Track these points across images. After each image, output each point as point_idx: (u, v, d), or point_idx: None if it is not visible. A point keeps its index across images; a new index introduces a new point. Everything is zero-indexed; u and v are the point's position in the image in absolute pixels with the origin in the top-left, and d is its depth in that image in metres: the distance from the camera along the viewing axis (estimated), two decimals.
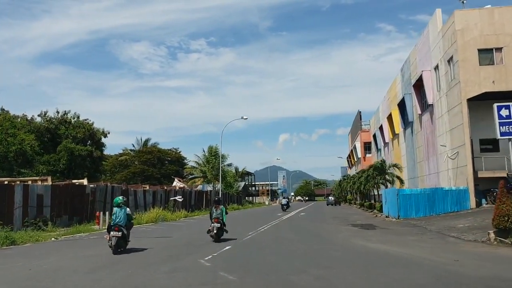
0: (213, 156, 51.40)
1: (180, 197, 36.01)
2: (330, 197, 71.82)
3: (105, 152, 63.08)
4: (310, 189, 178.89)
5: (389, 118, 45.25)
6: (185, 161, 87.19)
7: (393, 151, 45.81)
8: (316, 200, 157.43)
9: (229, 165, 67.28)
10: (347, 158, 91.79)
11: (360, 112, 67.76)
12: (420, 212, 23.21)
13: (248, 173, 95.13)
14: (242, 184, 75.14)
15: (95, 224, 22.11)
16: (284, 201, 43.75)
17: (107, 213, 22.07)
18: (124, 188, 30.47)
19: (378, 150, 56.66)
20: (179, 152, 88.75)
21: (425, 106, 31.91)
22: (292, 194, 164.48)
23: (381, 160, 31.59)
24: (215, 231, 13.95)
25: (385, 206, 27.09)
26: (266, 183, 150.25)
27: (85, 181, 26.62)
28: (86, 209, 25.11)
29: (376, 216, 28.92)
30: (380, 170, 31.52)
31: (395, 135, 44.04)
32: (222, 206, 14.60)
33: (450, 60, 25.67)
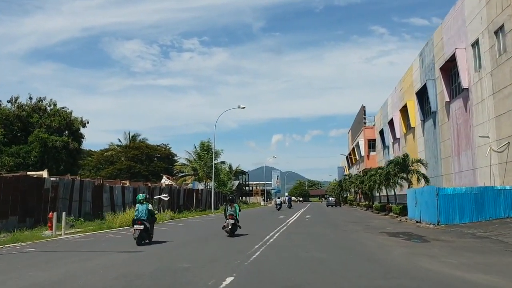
0: (206, 151, 46.35)
1: (166, 195, 30.89)
2: (330, 198, 67.06)
3: (93, 149, 57.90)
4: (304, 190, 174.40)
5: (403, 110, 40.55)
6: (175, 158, 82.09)
7: (406, 147, 41.08)
8: (311, 201, 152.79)
9: (223, 162, 62.32)
10: (347, 157, 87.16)
11: (364, 107, 63.14)
12: (465, 217, 18.41)
13: (242, 172, 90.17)
14: (236, 183, 70.09)
15: (47, 229, 16.95)
16: (278, 201, 47.10)
17: (63, 214, 16.90)
18: (97, 183, 25.33)
19: (385, 147, 51.95)
20: (169, 148, 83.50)
21: (456, 91, 27.17)
22: (286, 194, 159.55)
23: (403, 155, 26.75)
24: (230, 227, 15.12)
25: (414, 208, 22.26)
26: (261, 182, 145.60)
27: (44, 173, 21.51)
28: (44, 208, 19.96)
29: (401, 220, 24.07)
30: (402, 167, 26.68)
31: (409, 129, 39.32)
32: (236, 203, 15.91)
33: (499, 31, 20.89)
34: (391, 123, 46.37)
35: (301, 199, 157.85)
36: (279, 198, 50.20)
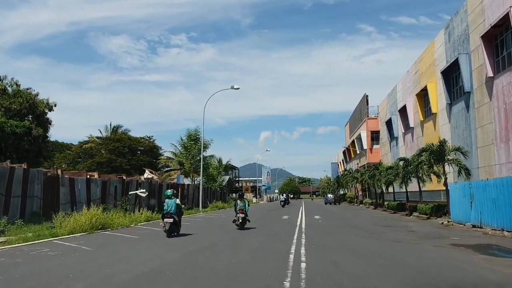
0: (193, 141, 40.63)
1: (143, 191, 25.24)
2: (328, 195, 61.89)
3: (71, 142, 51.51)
4: (295, 187, 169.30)
5: (420, 95, 35.37)
6: (161, 151, 76.12)
7: (422, 137, 35.92)
8: (302, 198, 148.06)
9: (212, 156, 56.62)
10: (344, 151, 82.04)
11: (367, 96, 57.89)
12: None
13: (233, 167, 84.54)
14: (227, 178, 64.45)
15: None
16: (282, 198, 51.11)
17: None
18: (51, 173, 19.49)
19: (393, 139, 46.79)
20: (153, 141, 77.24)
21: (505, 63, 21.95)
22: (276, 191, 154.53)
23: (441, 141, 21.40)
24: (240, 221, 16.53)
25: (467, 209, 16.93)
26: (251, 179, 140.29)
27: None
28: None
29: (443, 223, 18.76)
30: (438, 155, 21.35)
31: (429, 116, 34.14)
32: (245, 199, 17.95)
33: None
34: (402, 111, 41.20)
35: (291, 196, 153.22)
36: (283, 195, 55.80)
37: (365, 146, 56.67)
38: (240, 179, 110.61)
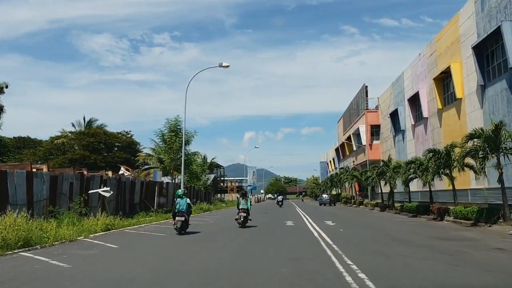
0: (173, 133, 35.01)
1: (107, 189, 19.62)
2: (324, 195, 56.81)
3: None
4: (281, 187, 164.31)
5: (439, 78, 30.54)
6: (139, 147, 70.03)
7: (440, 128, 31.12)
8: (288, 199, 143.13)
9: (195, 153, 50.92)
10: (336, 149, 77.27)
11: (366, 87, 53.07)
12: None
13: (218, 166, 78.94)
14: (212, 176, 58.79)
15: None
16: (280, 198, 51.88)
17: None
18: None
19: (399, 132, 42.00)
20: (131, 136, 71.02)
21: None
22: (262, 191, 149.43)
23: (497, 123, 16.32)
24: (242, 219, 17.19)
25: None
26: (236, 178, 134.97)
27: None
28: None
29: None
30: (492, 144, 16.29)
31: (451, 103, 29.30)
32: (248, 197, 18.65)
33: None
34: (413, 100, 36.43)
35: (276, 196, 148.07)
36: (279, 195, 57.49)
37: (363, 142, 51.80)
38: (225, 178, 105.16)
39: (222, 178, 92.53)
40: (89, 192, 19.55)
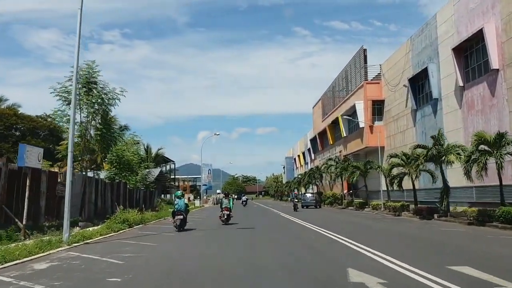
0: (85, 86, 19.89)
1: None
2: (307, 195, 43.34)
3: None
4: (239, 186, 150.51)
5: None
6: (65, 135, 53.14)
7: None
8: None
9: (134, 136, 35.69)
10: (313, 139, 64.35)
11: (365, 50, 40.13)
12: None
13: (167, 160, 63.36)
14: (157, 171, 43.62)
15: None
16: (244, 198, 53.30)
17: None
18: None
19: (426, 103, 29.44)
20: (52, 120, 54.03)
21: None
22: (218, 191, 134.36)
23: None
24: (225, 217, 18.81)
25: None
26: (189, 177, 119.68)
27: None
28: None
29: None
30: None
31: None
32: (230, 197, 20.28)
33: None
34: (460, 49, 23.81)
35: (235, 196, 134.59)
36: (244, 195, 58.84)
37: (362, 124, 38.92)
38: (177, 176, 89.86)
39: (173, 176, 77.05)
40: None
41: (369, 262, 8.20)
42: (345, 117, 42.95)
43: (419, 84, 30.67)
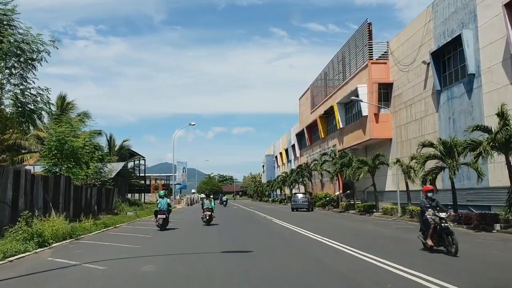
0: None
1: None
2: (298, 196, 36.96)
3: None
4: (216, 185, 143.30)
5: None
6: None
7: None
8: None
9: (96, 130, 28.71)
10: (299, 134, 58.18)
11: (369, 24, 34.10)
12: None
13: (134, 154, 55.79)
14: (120, 166, 36.44)
15: None
16: (224, 198, 52.59)
17: None
18: None
19: (458, 81, 23.61)
20: None
21: None
22: (193, 191, 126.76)
23: None
24: (207, 218, 18.88)
25: None
26: (162, 175, 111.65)
27: None
28: None
29: None
30: None
31: None
32: (211, 198, 19.98)
33: None
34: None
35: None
36: (224, 196, 55.99)
37: (364, 112, 32.88)
38: (148, 174, 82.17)
39: (142, 175, 69.29)
40: None
41: None
42: (342, 104, 36.81)
43: (444, 59, 24.83)
